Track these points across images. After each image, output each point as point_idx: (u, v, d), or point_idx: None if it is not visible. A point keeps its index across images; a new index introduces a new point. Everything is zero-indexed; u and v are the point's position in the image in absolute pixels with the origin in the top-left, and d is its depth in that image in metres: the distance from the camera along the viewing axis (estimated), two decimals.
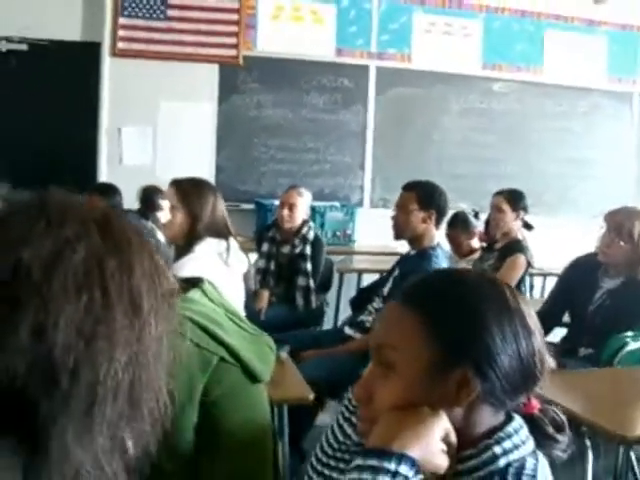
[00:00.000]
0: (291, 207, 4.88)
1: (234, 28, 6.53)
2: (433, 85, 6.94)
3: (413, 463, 1.08)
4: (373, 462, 1.08)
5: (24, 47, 6.37)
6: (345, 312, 5.29)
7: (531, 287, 5.93)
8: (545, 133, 7.21)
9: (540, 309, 3.95)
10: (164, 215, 3.70)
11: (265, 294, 4.79)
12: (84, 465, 0.68)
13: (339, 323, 5.31)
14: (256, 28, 6.61)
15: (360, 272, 6.08)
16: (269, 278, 4.92)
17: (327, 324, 5.29)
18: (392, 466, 1.07)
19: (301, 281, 4.81)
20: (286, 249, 4.94)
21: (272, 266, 4.94)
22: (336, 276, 5.62)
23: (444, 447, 1.12)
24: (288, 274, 4.88)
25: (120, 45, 6.38)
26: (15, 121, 6.05)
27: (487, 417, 1.16)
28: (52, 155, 5.95)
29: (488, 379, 1.13)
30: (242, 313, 3.03)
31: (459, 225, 5.23)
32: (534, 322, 1.19)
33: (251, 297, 4.65)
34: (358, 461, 1.10)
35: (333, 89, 6.80)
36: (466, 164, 7.03)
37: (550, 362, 3.31)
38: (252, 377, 2.14)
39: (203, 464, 2.13)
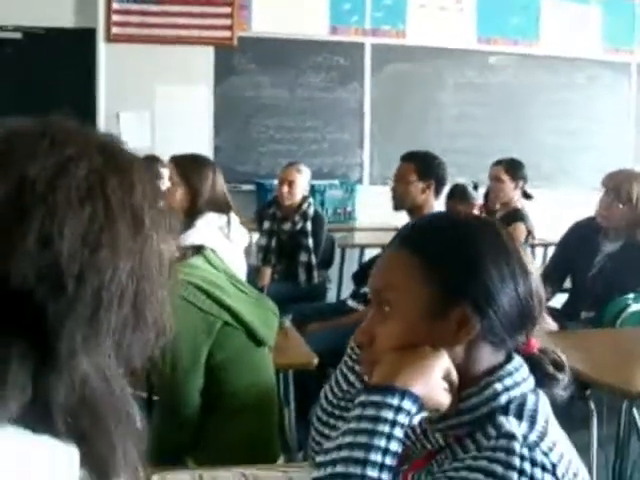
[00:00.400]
0: (290, 184, 4.90)
1: (227, 9, 6.51)
2: (429, 60, 6.92)
3: (416, 399, 1.10)
4: (376, 398, 1.10)
5: (18, 36, 6.37)
6: (348, 288, 5.30)
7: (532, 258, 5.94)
8: (542, 105, 7.20)
9: (541, 274, 3.97)
10: (163, 184, 3.71)
11: (267, 271, 4.83)
12: (90, 373, 0.70)
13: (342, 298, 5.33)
14: (250, 8, 6.60)
15: (362, 247, 6.11)
16: (271, 255, 4.94)
17: (330, 300, 5.31)
18: (395, 401, 1.09)
19: (303, 257, 4.83)
20: (287, 226, 4.96)
21: (273, 243, 4.96)
22: (338, 252, 5.64)
23: (446, 385, 1.14)
24: (289, 251, 4.90)
25: (114, 30, 6.37)
26: (11, 110, 6.01)
27: (487, 356, 1.17)
28: None
29: (487, 317, 1.14)
30: None
31: (458, 196, 5.24)
32: (531, 263, 1.20)
33: (253, 274, 4.68)
34: (361, 398, 1.12)
35: (329, 67, 6.80)
36: (464, 138, 7.02)
37: (552, 325, 3.31)
38: (256, 340, 2.17)
39: (209, 426, 2.16)
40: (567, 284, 3.98)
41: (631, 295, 3.48)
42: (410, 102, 6.95)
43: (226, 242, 3.21)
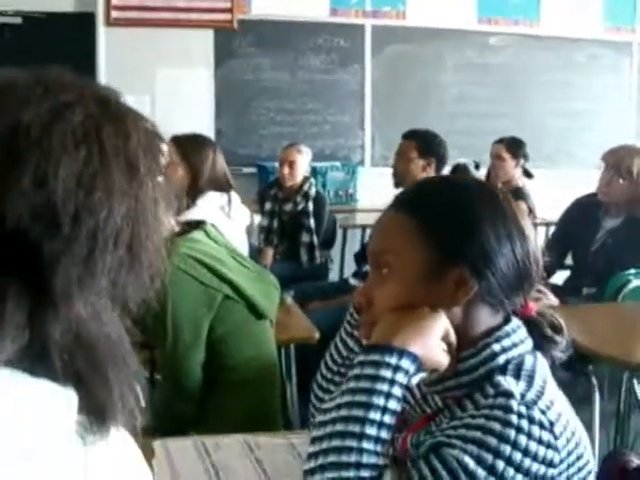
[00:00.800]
0: (291, 164, 4.90)
1: None
2: (429, 41, 6.90)
3: (414, 359, 1.10)
4: (375, 357, 1.10)
5: (18, 20, 6.36)
6: (349, 268, 5.32)
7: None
8: (543, 86, 7.18)
9: (542, 251, 3.99)
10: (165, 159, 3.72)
11: (269, 251, 4.84)
12: (86, 314, 0.72)
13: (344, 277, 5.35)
14: None
15: (363, 228, 6.11)
16: (272, 236, 4.96)
17: (332, 280, 5.32)
18: (393, 360, 1.09)
19: (305, 237, 4.85)
20: (288, 206, 4.97)
21: (275, 224, 4.97)
22: (340, 233, 5.66)
23: (444, 346, 1.14)
24: (291, 231, 4.92)
25: (114, 14, 6.35)
26: None
27: (485, 317, 1.18)
28: None
29: (484, 278, 1.15)
30: None
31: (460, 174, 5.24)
32: (528, 227, 1.21)
33: (255, 255, 4.70)
34: (360, 357, 1.13)
35: (329, 49, 6.78)
36: (464, 119, 7.02)
37: (553, 300, 3.32)
38: (257, 314, 2.18)
39: (210, 400, 2.18)
40: (569, 260, 3.99)
41: (632, 271, 3.49)
42: (411, 83, 6.94)
43: (227, 220, 3.21)
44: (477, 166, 5.34)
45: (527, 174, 5.02)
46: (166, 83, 6.44)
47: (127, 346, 0.77)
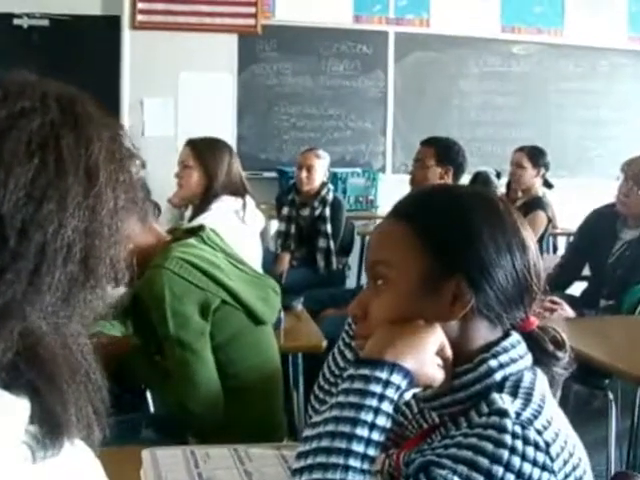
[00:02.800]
0: (309, 169, 4.88)
1: None
2: (452, 49, 6.89)
3: (406, 374, 1.06)
4: (365, 371, 1.06)
5: (45, 23, 6.42)
6: None
7: (554, 248, 5.92)
8: (566, 94, 7.15)
9: (559, 262, 3.96)
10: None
11: (286, 257, 4.83)
12: (34, 328, 0.69)
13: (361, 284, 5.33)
14: None
15: None
16: (290, 241, 4.94)
17: (349, 287, 5.31)
18: (384, 375, 1.05)
19: (321, 243, 4.83)
20: (306, 212, 4.95)
21: (292, 229, 4.96)
22: (358, 240, 5.65)
23: (439, 361, 1.10)
24: (308, 236, 4.90)
25: (139, 18, 6.41)
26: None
27: (483, 332, 1.13)
28: None
29: (482, 291, 1.10)
30: (259, 271, 3.06)
31: (480, 183, 5.22)
32: (530, 238, 1.17)
33: (272, 260, 4.70)
34: (350, 371, 1.08)
35: (352, 56, 6.79)
36: (486, 127, 7.00)
37: (569, 312, 3.27)
38: (255, 319, 2.16)
39: None
40: (586, 271, 3.95)
41: None
42: (433, 91, 6.93)
43: (240, 225, 3.21)
44: (498, 175, 5.33)
45: (547, 184, 4.99)
46: (189, 86, 6.48)
47: (90, 360, 0.75)
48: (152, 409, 2.57)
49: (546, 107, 7.12)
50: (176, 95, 6.48)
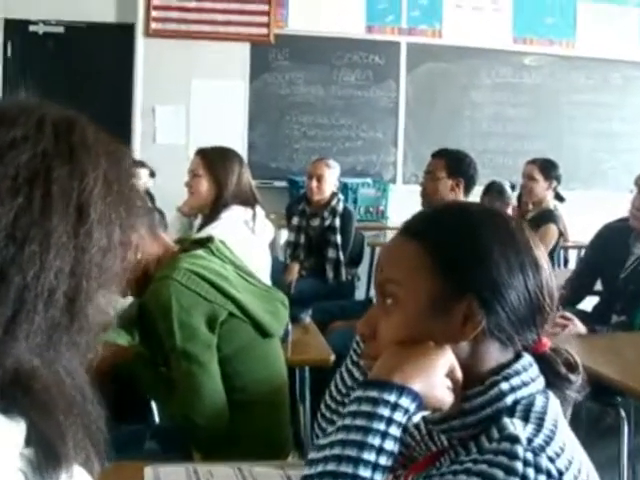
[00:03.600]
0: (319, 178, 4.86)
1: (265, 7, 6.55)
2: (464, 60, 6.89)
3: (415, 397, 1.03)
4: (373, 394, 1.04)
5: (60, 29, 6.47)
6: None
7: (566, 261, 5.89)
8: (578, 107, 7.13)
9: (571, 277, 3.93)
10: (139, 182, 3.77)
11: (295, 267, 4.81)
12: (31, 361, 0.67)
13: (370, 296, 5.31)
14: (287, 6, 6.63)
15: None
16: (299, 251, 4.92)
17: (358, 298, 5.29)
18: (392, 398, 1.03)
19: (331, 253, 4.80)
20: (316, 222, 4.93)
21: (302, 239, 4.93)
22: (368, 251, 5.63)
23: (449, 383, 1.07)
24: (318, 247, 4.87)
25: (153, 26, 6.44)
26: (52, 102, 6.13)
27: (494, 353, 1.10)
28: None
29: (494, 312, 1.07)
30: (268, 281, 3.04)
31: (495, 193, 5.20)
32: (543, 257, 1.13)
33: (281, 270, 4.69)
34: (358, 392, 1.06)
35: (364, 66, 6.80)
36: (498, 139, 6.99)
37: (581, 328, 3.23)
38: (262, 332, 2.15)
39: None
40: (598, 286, 3.91)
41: None
42: (445, 102, 6.92)
43: (250, 235, 3.20)
44: (513, 187, 5.31)
45: (559, 197, 4.96)
46: (201, 94, 6.50)
47: (87, 393, 0.72)
48: (157, 420, 2.56)
49: (558, 119, 7.10)
50: (188, 103, 6.50)
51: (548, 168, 4.89)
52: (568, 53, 7.08)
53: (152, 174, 5.02)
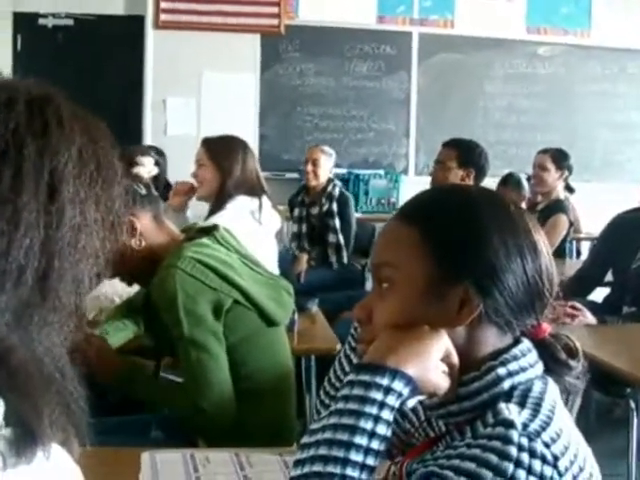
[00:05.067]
0: (314, 162, 4.92)
1: None
2: (477, 50, 6.85)
3: (409, 381, 1.02)
4: (365, 377, 1.02)
5: (70, 22, 6.48)
6: None
7: (578, 252, 5.84)
8: (592, 97, 7.08)
9: (581, 268, 3.89)
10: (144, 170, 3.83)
11: (304, 258, 4.82)
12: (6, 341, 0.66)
13: None
14: None
15: None
16: (303, 241, 4.98)
17: (369, 289, 5.28)
18: (385, 382, 1.01)
19: (331, 238, 4.84)
20: (315, 210, 4.98)
21: (304, 228, 5.00)
22: None
23: (444, 368, 1.06)
24: (320, 234, 4.92)
25: (163, 17, 6.43)
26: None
27: (492, 338, 1.08)
28: None
29: (491, 296, 1.05)
30: (276, 271, 3.03)
31: (511, 185, 5.17)
32: (542, 242, 1.11)
33: (290, 261, 4.69)
34: (350, 377, 1.04)
35: (376, 56, 6.77)
36: (511, 130, 6.95)
37: (590, 318, 3.20)
38: (268, 320, 2.14)
39: None
40: (609, 277, 3.88)
41: None
42: (457, 92, 6.88)
43: (256, 226, 3.18)
44: (529, 179, 5.27)
45: (569, 189, 4.92)
46: (212, 86, 6.50)
47: (66, 371, 0.71)
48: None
49: (572, 110, 7.05)
50: (199, 95, 6.50)
51: (560, 158, 4.85)
52: (583, 43, 7.02)
53: (157, 163, 5.01)
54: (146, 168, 4.05)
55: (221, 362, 2.02)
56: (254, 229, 3.12)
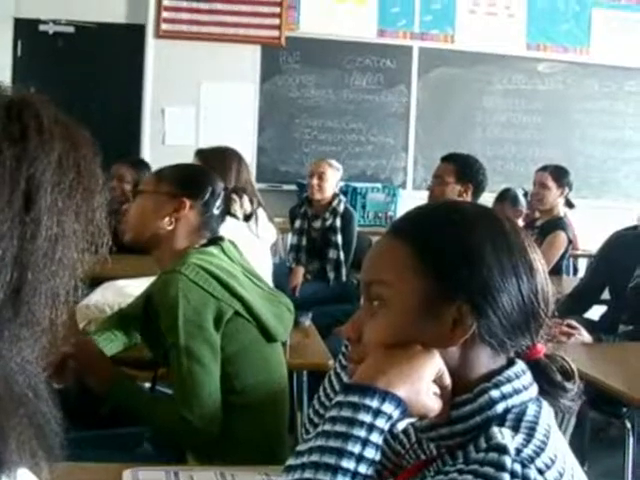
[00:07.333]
0: (320, 176, 4.82)
1: (276, 9, 6.53)
2: (477, 66, 6.85)
3: (399, 403, 0.99)
4: (354, 398, 0.99)
5: (71, 29, 6.48)
6: None
7: (575, 270, 5.83)
8: (591, 114, 7.09)
9: (578, 285, 3.88)
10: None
11: (300, 271, 4.78)
12: None
13: None
14: (298, 9, 6.61)
15: None
16: (302, 254, 4.90)
17: None
18: (374, 403, 0.98)
19: (331, 254, 4.77)
20: (317, 223, 4.90)
21: (304, 241, 4.91)
22: None
23: (436, 389, 1.03)
24: (320, 249, 4.85)
25: (164, 27, 6.44)
26: (61, 102, 6.13)
27: (485, 360, 1.05)
28: (96, 135, 5.94)
29: (485, 316, 1.02)
30: (270, 283, 3.01)
31: (508, 200, 5.16)
32: (538, 260, 1.09)
33: (286, 274, 4.65)
34: (339, 397, 1.02)
35: (376, 70, 6.77)
36: (510, 146, 6.95)
37: (586, 337, 3.19)
38: (267, 335, 2.11)
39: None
40: (606, 295, 3.86)
41: None
42: (457, 107, 6.88)
43: (251, 237, 3.16)
44: (526, 194, 5.26)
45: (569, 204, 4.90)
46: (211, 96, 6.50)
47: (40, 391, 0.68)
48: None
49: (570, 127, 7.05)
50: (198, 104, 6.50)
51: (560, 175, 4.84)
52: (582, 60, 7.03)
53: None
54: None
55: (213, 375, 1.99)
56: (249, 241, 3.10)
